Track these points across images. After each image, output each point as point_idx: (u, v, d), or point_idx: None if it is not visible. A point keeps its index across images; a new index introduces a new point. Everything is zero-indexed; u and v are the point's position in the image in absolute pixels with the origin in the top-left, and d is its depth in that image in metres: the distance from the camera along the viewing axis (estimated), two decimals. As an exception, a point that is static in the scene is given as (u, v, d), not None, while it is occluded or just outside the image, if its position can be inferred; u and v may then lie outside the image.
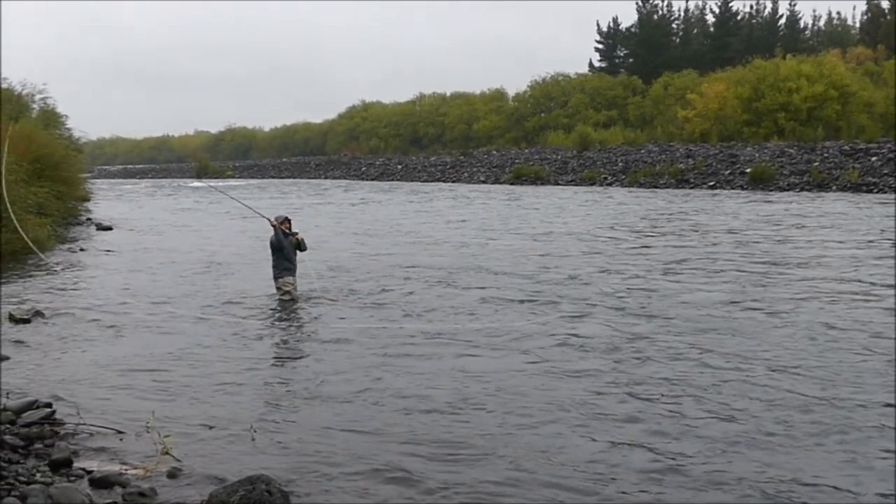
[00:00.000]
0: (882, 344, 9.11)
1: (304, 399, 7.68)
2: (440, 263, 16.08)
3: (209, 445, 6.51)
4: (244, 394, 7.89)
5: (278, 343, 10.15)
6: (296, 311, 11.90)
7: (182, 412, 7.34)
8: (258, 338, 10.32)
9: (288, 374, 8.65)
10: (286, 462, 6.12)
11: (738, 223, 22.79)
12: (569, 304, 11.76)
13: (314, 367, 8.76)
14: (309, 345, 9.89)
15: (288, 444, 6.52)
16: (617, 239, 19.92)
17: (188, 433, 6.74)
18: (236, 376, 8.46)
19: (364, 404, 7.44)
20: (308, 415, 7.23)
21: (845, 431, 6.52)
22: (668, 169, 44.79)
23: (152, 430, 6.32)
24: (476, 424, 6.85)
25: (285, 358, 9.47)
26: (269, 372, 8.75)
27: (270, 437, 6.65)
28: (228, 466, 6.04)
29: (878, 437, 6.38)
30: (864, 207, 26.44)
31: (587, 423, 6.82)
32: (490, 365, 8.66)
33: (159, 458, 6.07)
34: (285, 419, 7.12)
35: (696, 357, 8.76)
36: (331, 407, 7.41)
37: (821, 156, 41.39)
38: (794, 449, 6.20)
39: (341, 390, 7.87)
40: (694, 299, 11.91)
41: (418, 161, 72.87)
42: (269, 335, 10.54)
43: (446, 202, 36.41)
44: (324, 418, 7.11)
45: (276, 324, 11.25)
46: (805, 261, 15.40)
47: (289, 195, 46.38)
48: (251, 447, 6.46)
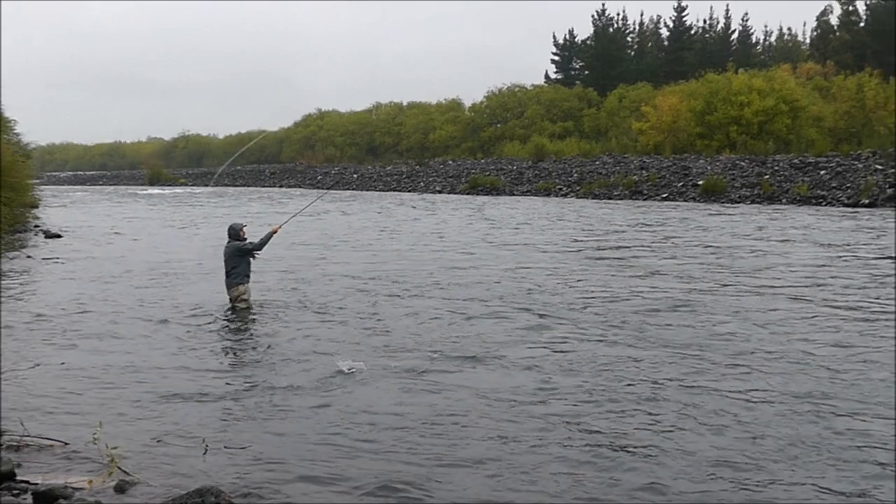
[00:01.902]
0: (859, 354, 9.22)
1: (258, 412, 7.57)
2: (400, 274, 16.00)
3: (159, 458, 6.39)
4: (197, 406, 7.76)
5: (232, 354, 10.01)
6: (251, 321, 11.76)
7: (132, 424, 7.21)
8: (212, 348, 10.17)
9: (242, 386, 8.51)
10: (238, 475, 6.03)
11: (697, 234, 23.04)
12: (537, 316, 11.71)
13: (270, 380, 8.63)
14: (264, 356, 9.75)
15: (241, 456, 6.42)
16: (581, 250, 20.03)
17: (138, 445, 6.62)
18: (189, 388, 8.32)
19: (320, 418, 7.35)
20: (262, 428, 7.13)
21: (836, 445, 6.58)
22: (622, 180, 45.21)
23: (99, 442, 6.19)
24: (439, 439, 6.79)
25: (239, 369, 9.32)
26: (222, 384, 8.61)
27: (223, 450, 6.55)
28: (178, 479, 5.94)
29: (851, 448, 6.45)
30: (825, 220, 26.89)
31: (567, 440, 6.78)
32: (451, 379, 8.57)
33: (107, 471, 5.94)
34: (239, 432, 7.02)
35: (672, 371, 8.78)
36: (286, 420, 7.32)
37: (771, 169, 42.06)
38: (774, 466, 6.24)
39: (297, 403, 7.77)
40: (664, 312, 11.96)
41: (374, 170, 72.75)
42: (222, 346, 10.40)
43: (404, 212, 36.37)
44: (279, 432, 7.01)
45: (230, 334, 11.11)
46: (764, 269, 15.61)
47: (244, 204, 45.97)
48: (202, 460, 6.35)
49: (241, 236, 12.70)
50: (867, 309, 11.85)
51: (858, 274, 15.15)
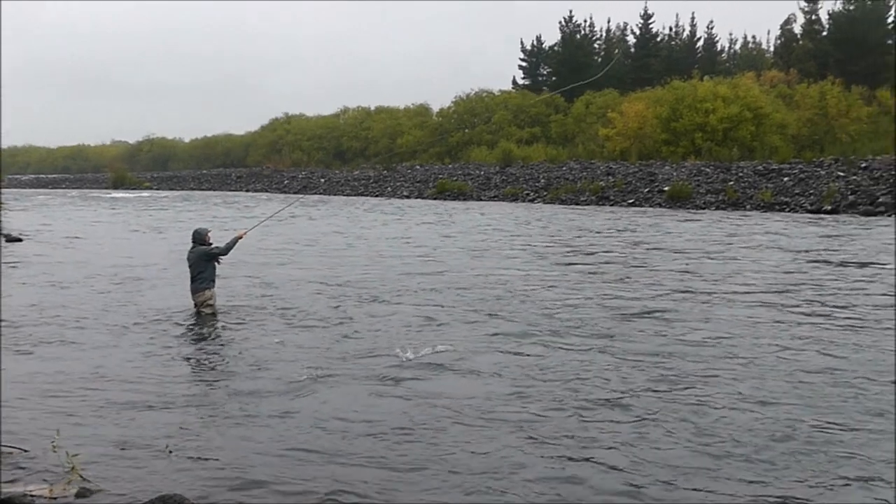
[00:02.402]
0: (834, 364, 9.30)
1: (224, 419, 7.48)
2: (369, 280, 15.92)
3: (121, 465, 6.30)
4: (161, 413, 7.66)
5: (197, 360, 9.88)
6: (217, 327, 11.64)
7: (94, 431, 7.10)
8: (176, 355, 10.05)
9: (208, 393, 8.42)
10: (203, 482, 5.95)
11: (665, 240, 23.19)
12: (507, 322, 11.68)
13: (236, 386, 8.53)
14: (230, 363, 9.65)
15: (205, 463, 6.34)
16: (550, 255, 20.08)
17: (100, 452, 6.52)
18: (153, 395, 8.21)
19: (288, 425, 7.27)
20: (228, 435, 7.04)
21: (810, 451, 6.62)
22: (588, 186, 45.44)
23: (59, 450, 6.08)
24: (411, 446, 6.74)
25: (205, 376, 9.22)
26: (187, 390, 8.51)
27: (187, 457, 6.46)
28: (141, 486, 5.85)
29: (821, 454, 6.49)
30: (793, 226, 27.17)
31: (537, 444, 6.76)
32: (421, 385, 8.52)
33: (68, 479, 5.84)
34: (204, 439, 6.93)
35: (642, 377, 8.80)
36: (252, 427, 7.23)
37: (736, 175, 42.48)
38: (744, 472, 6.27)
39: (264, 410, 7.69)
40: (634, 317, 11.99)
41: (342, 175, 72.51)
42: (187, 352, 10.27)
43: (372, 217, 36.30)
44: (244, 438, 6.93)
45: (195, 340, 10.98)
46: (732, 275, 15.73)
47: (210, 208, 45.60)
48: (166, 466, 6.26)
49: (207, 241, 12.58)
50: (837, 314, 11.99)
51: (827, 280, 15.32)
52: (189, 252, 12.54)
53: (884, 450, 6.55)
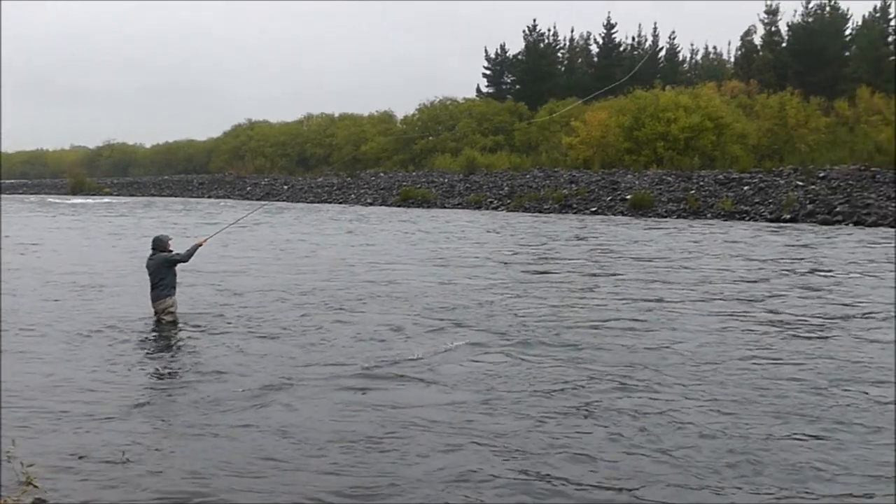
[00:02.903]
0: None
1: (186, 428, 7.36)
2: (333, 288, 15.78)
3: (78, 475, 6.17)
4: (119, 422, 7.51)
5: (157, 369, 9.72)
6: (178, 335, 11.48)
7: (51, 441, 6.95)
8: (136, 363, 9.89)
9: (169, 402, 8.28)
10: (161, 493, 5.84)
11: (630, 248, 23.32)
12: (473, 331, 11.60)
13: (198, 395, 8.39)
14: (192, 371, 9.50)
15: (164, 474, 6.23)
16: (516, 264, 20.09)
17: (56, 463, 6.38)
18: (113, 403, 8.06)
19: (252, 435, 7.16)
20: (188, 445, 6.92)
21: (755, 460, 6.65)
22: (552, 194, 45.64)
23: (14, 461, 5.94)
24: (378, 455, 6.66)
25: (166, 384, 9.07)
26: (148, 399, 8.36)
27: (144, 468, 6.34)
28: (97, 496, 5.75)
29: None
30: (756, 234, 27.47)
31: (505, 453, 6.71)
32: (388, 395, 8.43)
33: (22, 490, 5.71)
34: (163, 448, 6.81)
35: (609, 385, 8.79)
36: (214, 437, 7.11)
37: (697, 184, 42.91)
38: (708, 479, 6.28)
39: (227, 420, 7.57)
40: (599, 326, 11.98)
41: (305, 182, 72.18)
42: (148, 360, 10.11)
43: (336, 224, 36.13)
44: (206, 448, 6.82)
45: (156, 348, 10.82)
46: (698, 283, 15.84)
47: (171, 214, 45.15)
48: (123, 477, 6.14)
49: (167, 248, 12.43)
50: (802, 322, 12.09)
51: (790, 288, 15.47)
52: (149, 259, 12.37)
53: (851, 454, 6.60)
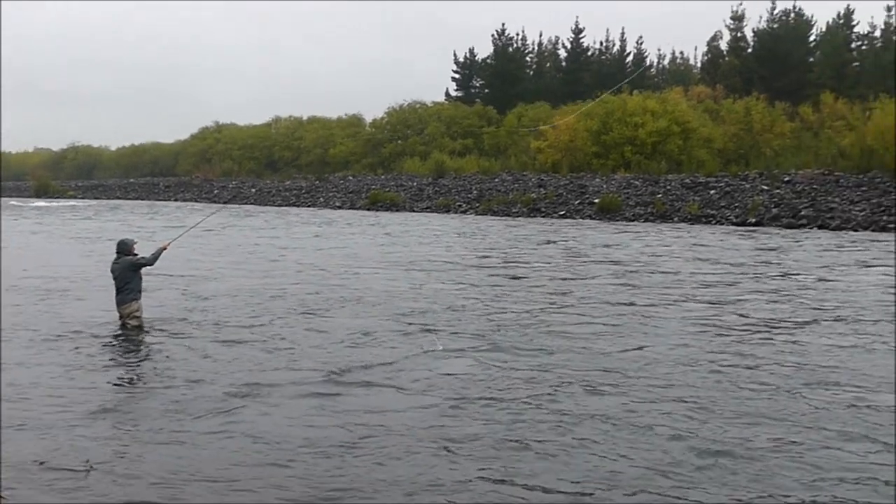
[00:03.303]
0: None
1: (151, 434, 7.27)
2: (303, 292, 15.67)
3: (41, 483, 6.09)
4: (83, 429, 7.41)
5: (123, 374, 9.60)
6: (144, 340, 11.35)
7: (13, 448, 6.83)
8: (102, 368, 9.76)
9: (135, 408, 8.18)
10: (125, 500, 5.78)
11: (600, 252, 23.43)
12: (445, 335, 11.53)
13: (164, 401, 8.30)
14: (159, 376, 9.39)
15: (130, 481, 6.16)
16: (486, 267, 20.10)
17: (17, 469, 6.28)
18: (77, 409, 7.95)
19: (220, 440, 7.09)
20: (154, 451, 6.84)
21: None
22: (520, 198, 45.78)
23: (-24, 469, 5.84)
24: (350, 460, 6.62)
25: (132, 390, 8.96)
26: (113, 405, 8.25)
27: (109, 475, 6.26)
28: (59, 502, 5.65)
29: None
30: (723, 238, 27.69)
31: (477, 458, 6.70)
32: (359, 400, 8.38)
33: (-16, 498, 5.61)
34: (129, 455, 6.72)
35: (580, 388, 8.81)
36: (180, 444, 7.03)
37: (664, 188, 43.26)
38: (678, 483, 6.30)
39: (195, 426, 7.48)
40: (569, 330, 11.99)
41: (273, 185, 71.81)
42: (113, 365, 9.98)
43: (305, 227, 35.96)
44: (172, 455, 6.74)
45: (121, 353, 10.69)
46: (667, 285, 15.93)
47: (138, 218, 44.70)
48: (88, 484, 6.06)
49: (132, 252, 12.29)
50: (771, 325, 12.21)
51: (759, 291, 15.62)
52: (114, 263, 12.22)
53: (819, 456, 6.66)
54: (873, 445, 6.94)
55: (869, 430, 7.33)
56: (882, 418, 7.66)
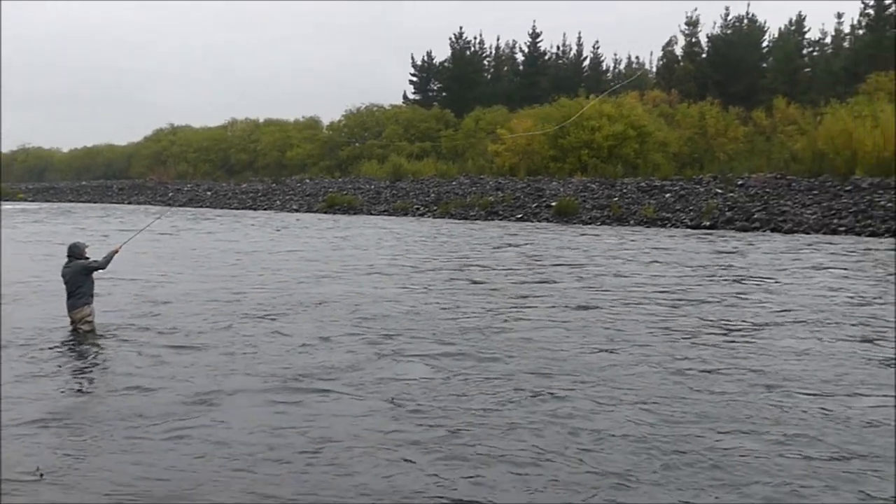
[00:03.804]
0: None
1: (106, 441, 7.14)
2: (261, 296, 15.48)
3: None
4: (34, 437, 7.27)
5: (76, 379, 9.42)
6: (97, 345, 11.14)
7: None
8: (53, 375, 9.56)
9: (87, 414, 8.01)
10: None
11: (560, 254, 23.52)
12: (406, 339, 11.51)
13: (118, 407, 8.15)
14: (112, 382, 9.23)
15: (82, 490, 6.05)
16: (448, 271, 20.08)
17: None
18: (26, 419, 7.78)
19: (178, 448, 6.98)
20: (110, 458, 6.72)
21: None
22: (478, 201, 45.86)
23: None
24: (310, 467, 6.56)
25: (84, 396, 8.79)
26: (65, 411, 8.08)
27: (61, 485, 6.14)
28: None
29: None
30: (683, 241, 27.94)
31: (437, 463, 6.68)
32: (320, 406, 8.30)
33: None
34: (80, 464, 6.60)
35: (538, 391, 8.81)
36: (136, 450, 6.91)
37: (620, 191, 43.61)
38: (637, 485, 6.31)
39: (149, 433, 7.36)
40: (530, 335, 12.00)
41: (229, 187, 71.16)
42: (65, 372, 9.78)
43: (262, 231, 35.66)
44: (128, 463, 6.62)
45: (74, 358, 10.49)
46: (627, 288, 16.03)
47: (91, 220, 44.01)
48: (38, 494, 5.93)
49: (84, 255, 12.06)
50: (730, 327, 12.35)
51: (717, 293, 15.78)
52: (65, 267, 11.99)
53: (781, 455, 6.73)
54: (833, 448, 7.03)
55: (828, 432, 7.42)
56: (840, 420, 7.76)
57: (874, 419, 7.75)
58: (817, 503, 5.94)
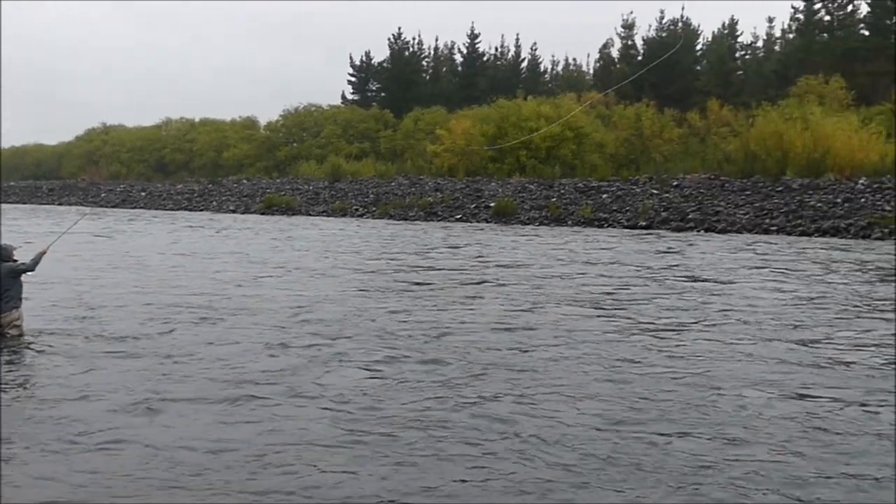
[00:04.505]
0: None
1: (37, 452, 6.93)
2: (200, 300, 15.12)
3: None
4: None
5: (5, 387, 9.10)
6: (27, 351, 10.80)
7: None
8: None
9: (18, 424, 7.75)
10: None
11: (502, 255, 23.62)
12: (351, 342, 11.40)
13: (51, 414, 7.93)
14: (45, 388, 8.97)
15: (14, 499, 5.87)
16: (393, 271, 20.01)
17: None
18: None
19: (113, 458, 6.82)
20: (42, 470, 6.53)
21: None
22: (417, 202, 45.88)
23: None
24: (258, 473, 6.47)
25: (14, 403, 8.50)
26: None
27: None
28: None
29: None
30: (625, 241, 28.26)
31: (390, 465, 6.64)
32: (264, 411, 8.18)
33: None
34: (10, 474, 6.40)
35: (484, 394, 8.82)
36: (71, 459, 6.74)
37: (558, 192, 44.03)
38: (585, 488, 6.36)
39: (85, 441, 7.16)
40: (475, 334, 12.01)
41: (164, 188, 69.99)
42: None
43: (199, 232, 35.12)
44: (62, 474, 6.44)
45: (2, 365, 10.18)
46: (573, 288, 16.15)
47: (20, 222, 42.88)
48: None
49: (12, 258, 11.73)
50: (671, 326, 12.52)
51: (660, 292, 16.02)
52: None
53: (729, 454, 6.84)
54: (774, 448, 7.16)
55: (770, 432, 7.56)
56: (781, 419, 7.93)
57: (814, 420, 7.92)
58: (761, 503, 6.06)
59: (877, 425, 7.68)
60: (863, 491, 6.21)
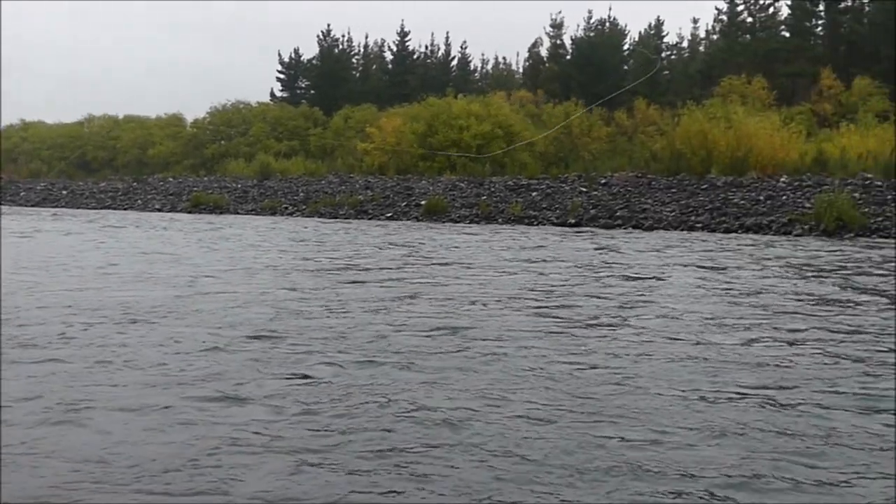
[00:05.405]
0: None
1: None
2: (132, 302, 14.69)
3: None
4: None
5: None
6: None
7: None
8: None
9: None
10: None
11: (439, 254, 23.59)
12: (290, 343, 11.15)
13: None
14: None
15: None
16: (329, 270, 19.78)
17: None
18: None
19: (41, 465, 6.57)
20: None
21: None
22: (347, 200, 45.67)
23: None
24: (189, 479, 6.28)
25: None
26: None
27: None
28: None
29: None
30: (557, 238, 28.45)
31: (332, 470, 6.50)
32: (197, 415, 7.94)
33: None
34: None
35: (438, 394, 8.75)
36: None
37: (488, 190, 44.27)
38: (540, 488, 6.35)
39: (6, 451, 6.91)
40: (416, 333, 11.92)
41: (87, 186, 68.30)
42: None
43: (126, 231, 34.36)
44: None
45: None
46: (514, 287, 16.19)
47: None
48: None
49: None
50: (621, 324, 12.60)
51: (602, 290, 16.13)
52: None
53: (668, 454, 6.90)
54: (709, 443, 7.26)
55: (712, 432, 7.66)
56: (716, 417, 8.04)
57: (752, 418, 8.04)
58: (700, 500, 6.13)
59: (828, 423, 7.83)
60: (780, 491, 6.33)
